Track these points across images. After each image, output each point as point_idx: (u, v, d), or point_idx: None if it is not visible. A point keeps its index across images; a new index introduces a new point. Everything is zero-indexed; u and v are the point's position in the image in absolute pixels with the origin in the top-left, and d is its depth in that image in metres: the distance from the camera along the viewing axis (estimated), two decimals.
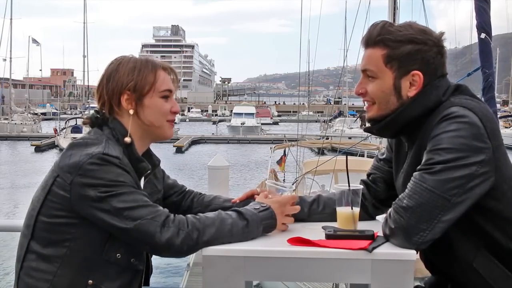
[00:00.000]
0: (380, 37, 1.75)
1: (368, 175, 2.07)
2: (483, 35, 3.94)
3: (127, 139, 1.79)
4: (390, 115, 1.77)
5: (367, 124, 1.88)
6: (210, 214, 1.73)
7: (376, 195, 2.02)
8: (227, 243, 1.66)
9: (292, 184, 2.13)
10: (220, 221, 1.69)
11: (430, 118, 1.69)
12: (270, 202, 1.80)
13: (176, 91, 1.92)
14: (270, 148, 15.17)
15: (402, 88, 1.75)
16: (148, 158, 1.91)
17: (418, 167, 1.64)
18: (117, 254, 1.72)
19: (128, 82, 1.81)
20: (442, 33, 1.78)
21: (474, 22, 3.94)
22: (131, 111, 1.82)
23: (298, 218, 1.90)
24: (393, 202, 1.65)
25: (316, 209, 2.00)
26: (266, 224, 1.74)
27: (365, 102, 1.83)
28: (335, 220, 1.82)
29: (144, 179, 1.89)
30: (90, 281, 1.70)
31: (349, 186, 1.75)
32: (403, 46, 1.72)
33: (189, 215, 1.72)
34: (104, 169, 1.67)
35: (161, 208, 1.71)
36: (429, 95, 1.72)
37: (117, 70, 1.83)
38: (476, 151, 1.58)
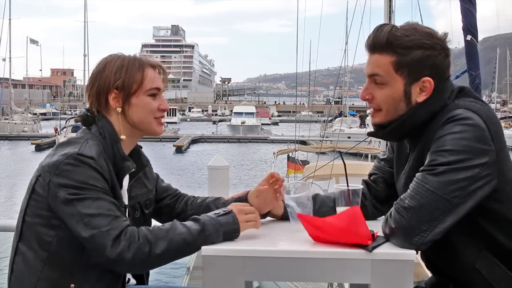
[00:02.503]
0: (388, 43, 1.70)
1: (370, 175, 2.07)
2: (469, 37, 3.93)
3: (123, 137, 1.80)
4: (396, 121, 1.75)
5: (371, 128, 1.87)
6: (166, 225, 1.69)
7: (376, 195, 2.01)
8: (188, 253, 1.65)
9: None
10: (173, 232, 1.65)
11: (435, 120, 1.68)
12: (232, 206, 1.75)
13: (166, 88, 1.90)
14: (273, 153, 14.88)
15: (412, 94, 1.72)
16: (137, 158, 1.90)
17: (421, 168, 1.63)
18: None
19: (115, 80, 1.80)
20: (446, 34, 1.75)
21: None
22: (119, 109, 1.81)
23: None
24: (395, 202, 1.64)
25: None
26: (227, 228, 1.68)
27: (370, 107, 1.81)
28: None
29: (133, 178, 1.88)
30: (72, 285, 1.69)
31: (347, 185, 1.75)
32: (412, 52, 1.69)
33: (143, 227, 1.67)
34: (77, 170, 1.65)
35: (122, 219, 1.66)
36: (435, 100, 1.71)
37: (104, 69, 1.82)
38: (479, 153, 1.58)
